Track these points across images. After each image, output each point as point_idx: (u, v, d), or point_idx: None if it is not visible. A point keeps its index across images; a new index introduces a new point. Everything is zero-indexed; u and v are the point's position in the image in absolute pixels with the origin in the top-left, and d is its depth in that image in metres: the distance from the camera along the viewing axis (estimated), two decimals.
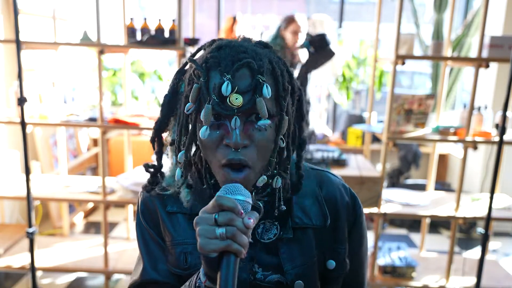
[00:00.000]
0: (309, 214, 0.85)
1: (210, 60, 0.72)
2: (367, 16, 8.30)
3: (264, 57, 0.74)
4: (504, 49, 2.31)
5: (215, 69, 0.71)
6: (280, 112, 0.75)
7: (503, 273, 2.67)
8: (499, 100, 3.54)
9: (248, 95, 0.70)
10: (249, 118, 0.72)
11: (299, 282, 0.82)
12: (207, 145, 0.74)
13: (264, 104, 0.70)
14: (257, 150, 0.73)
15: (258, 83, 0.70)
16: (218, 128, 0.73)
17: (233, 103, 0.69)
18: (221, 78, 0.70)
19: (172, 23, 2.31)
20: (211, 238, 0.65)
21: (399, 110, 2.42)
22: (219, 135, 0.72)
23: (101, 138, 2.43)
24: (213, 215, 0.66)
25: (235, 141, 0.70)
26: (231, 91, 0.69)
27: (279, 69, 0.75)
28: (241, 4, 5.19)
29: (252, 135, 0.73)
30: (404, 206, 2.57)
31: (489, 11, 2.28)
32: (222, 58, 0.71)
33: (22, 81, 2.06)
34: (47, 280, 2.79)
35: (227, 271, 0.64)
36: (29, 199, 2.19)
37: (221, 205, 0.66)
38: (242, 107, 0.70)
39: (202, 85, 0.71)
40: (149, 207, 0.87)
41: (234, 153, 0.72)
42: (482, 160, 3.69)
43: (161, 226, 0.86)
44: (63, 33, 3.28)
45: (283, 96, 0.75)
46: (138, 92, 4.23)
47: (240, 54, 0.72)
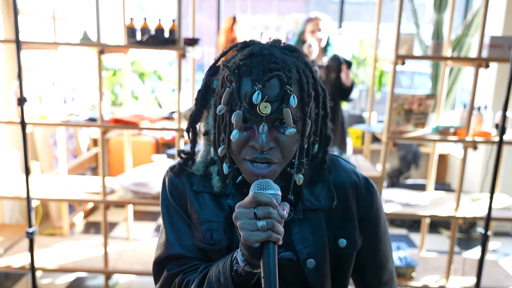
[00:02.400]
0: (318, 197, 0.92)
1: (242, 67, 0.78)
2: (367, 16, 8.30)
3: (292, 67, 0.79)
4: (504, 49, 2.31)
5: (246, 77, 0.77)
6: (303, 117, 0.81)
7: (503, 273, 2.67)
8: (499, 100, 3.54)
9: (276, 104, 0.76)
10: (275, 123, 0.79)
11: (311, 260, 0.89)
12: (234, 145, 0.81)
13: (290, 114, 0.76)
14: (281, 151, 0.80)
15: (286, 94, 0.76)
16: (246, 130, 0.80)
17: (262, 111, 0.76)
18: (252, 86, 0.76)
19: (172, 23, 2.31)
20: (253, 230, 0.72)
21: (399, 110, 2.42)
22: (245, 137, 0.80)
23: (101, 138, 2.43)
24: (251, 209, 0.73)
25: (261, 144, 0.77)
26: (261, 100, 0.75)
27: (305, 77, 0.81)
28: (241, 4, 5.19)
29: (277, 138, 0.79)
30: (404, 206, 2.57)
31: (489, 11, 2.28)
32: (254, 66, 0.77)
33: (22, 81, 2.06)
34: (47, 280, 2.79)
35: (269, 258, 0.72)
36: (29, 199, 2.19)
37: (259, 201, 0.73)
38: (269, 115, 0.76)
39: (234, 90, 0.77)
40: (177, 186, 0.93)
41: (259, 154, 0.79)
42: (482, 160, 3.69)
43: (188, 205, 0.92)
44: (63, 33, 3.28)
45: (307, 103, 0.81)
46: (138, 92, 4.23)
47: (270, 65, 0.77)
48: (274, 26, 4.22)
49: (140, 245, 2.94)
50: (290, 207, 0.89)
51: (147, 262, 2.65)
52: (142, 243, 2.99)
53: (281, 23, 4.30)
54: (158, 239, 0.96)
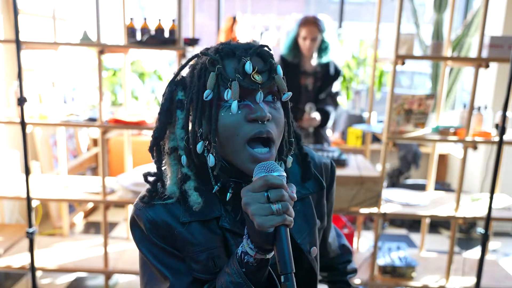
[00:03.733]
0: (304, 185, 0.93)
1: (224, 50, 0.79)
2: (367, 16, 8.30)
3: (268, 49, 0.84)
4: (504, 49, 2.31)
5: (229, 57, 0.79)
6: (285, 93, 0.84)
7: (503, 273, 2.67)
8: (499, 100, 3.54)
9: (265, 74, 0.79)
10: (266, 99, 0.80)
11: (314, 247, 0.92)
12: (229, 126, 0.78)
13: (282, 80, 0.80)
14: (276, 125, 0.80)
15: (273, 65, 0.80)
16: (239, 109, 0.78)
17: (256, 79, 0.77)
18: (239, 61, 0.78)
19: (172, 23, 2.31)
20: (267, 215, 0.69)
21: (399, 110, 2.42)
22: (241, 115, 0.78)
23: (101, 138, 2.43)
24: (263, 193, 0.70)
25: (261, 114, 0.76)
26: (253, 70, 0.77)
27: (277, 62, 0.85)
28: (241, 4, 5.19)
29: (271, 112, 0.79)
30: (404, 206, 2.57)
31: (489, 11, 2.28)
32: (235, 48, 0.80)
33: (22, 81, 2.06)
34: (47, 280, 2.79)
35: (283, 242, 0.70)
36: (29, 199, 2.19)
37: (271, 183, 0.70)
38: (263, 84, 0.78)
39: (221, 71, 0.77)
40: (156, 222, 0.83)
41: (261, 125, 0.77)
42: (482, 160, 3.69)
43: (175, 239, 0.84)
44: (63, 33, 3.28)
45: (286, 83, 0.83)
46: (138, 92, 4.23)
47: (249, 45, 0.81)
48: (274, 26, 4.22)
49: None
50: None
51: None
52: None
53: (281, 23, 4.29)
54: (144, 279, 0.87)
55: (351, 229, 2.56)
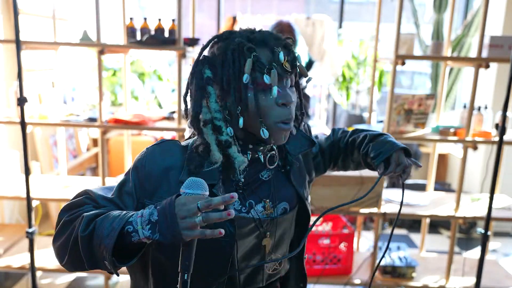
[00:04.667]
0: (296, 144, 1.08)
1: (256, 38, 0.90)
2: (367, 16, 8.30)
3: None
4: (504, 49, 2.31)
5: (260, 46, 0.90)
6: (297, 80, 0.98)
7: (503, 273, 2.67)
8: (499, 100, 3.54)
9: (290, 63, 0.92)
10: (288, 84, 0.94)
11: (309, 196, 1.12)
12: (265, 107, 0.90)
13: (303, 67, 0.94)
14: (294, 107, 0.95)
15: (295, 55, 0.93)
16: (267, 93, 0.91)
17: (287, 68, 0.90)
18: (272, 51, 0.90)
19: (172, 23, 2.31)
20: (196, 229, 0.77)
21: (399, 110, 2.42)
22: (272, 99, 0.91)
23: (101, 138, 2.43)
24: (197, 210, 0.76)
25: (289, 100, 0.91)
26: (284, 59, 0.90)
27: None
28: (241, 4, 5.19)
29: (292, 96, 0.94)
30: (404, 206, 2.57)
31: (489, 11, 2.28)
32: (265, 37, 0.91)
33: (22, 81, 2.06)
34: (47, 280, 2.79)
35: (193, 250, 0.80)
36: (29, 199, 2.19)
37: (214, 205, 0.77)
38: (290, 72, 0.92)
39: (256, 58, 0.88)
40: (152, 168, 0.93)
41: (288, 110, 0.92)
42: (482, 160, 3.69)
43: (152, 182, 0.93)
44: (63, 33, 3.27)
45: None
46: (138, 92, 4.22)
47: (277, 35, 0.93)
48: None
49: None
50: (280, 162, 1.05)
51: None
52: None
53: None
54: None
55: (351, 229, 2.56)
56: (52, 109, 2.56)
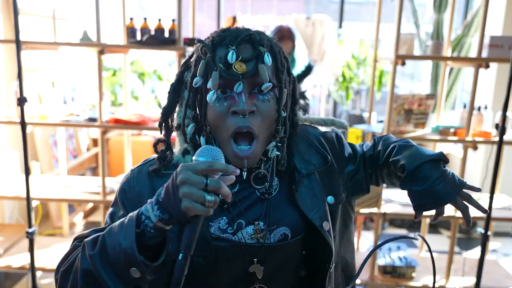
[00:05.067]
0: (309, 160, 0.93)
1: (216, 38, 0.81)
2: (367, 16, 8.29)
3: (263, 36, 0.83)
4: (504, 49, 2.31)
5: (220, 45, 0.79)
6: (279, 84, 0.83)
7: (503, 273, 2.67)
8: (499, 100, 3.53)
9: (251, 63, 0.79)
10: (253, 91, 0.80)
11: (326, 222, 0.89)
12: (215, 116, 0.80)
13: (265, 69, 0.78)
14: (261, 118, 0.80)
15: (260, 53, 0.79)
16: (225, 100, 0.80)
17: (238, 69, 0.77)
18: (227, 49, 0.78)
19: (172, 23, 2.31)
20: (197, 202, 0.67)
21: (399, 110, 2.42)
22: (226, 106, 0.79)
23: (101, 138, 2.43)
24: (203, 178, 0.67)
25: (242, 107, 0.77)
26: (236, 59, 0.78)
27: (277, 47, 0.84)
28: (241, 4, 5.19)
29: (256, 104, 0.80)
30: (404, 206, 2.57)
31: (489, 11, 2.28)
32: (227, 35, 0.80)
33: (22, 81, 2.06)
34: (47, 280, 2.79)
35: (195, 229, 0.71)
36: (29, 199, 2.19)
37: (216, 169, 0.68)
38: (246, 74, 0.78)
39: (209, 59, 0.79)
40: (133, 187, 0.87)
41: (242, 120, 0.78)
42: (482, 160, 3.69)
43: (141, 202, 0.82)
44: (63, 33, 3.27)
45: (281, 70, 0.83)
46: (138, 92, 4.23)
47: (243, 31, 0.81)
48: (274, 26, 4.22)
49: None
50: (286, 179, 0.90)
51: None
52: None
53: (281, 23, 4.29)
54: None
55: None
56: (52, 109, 2.56)
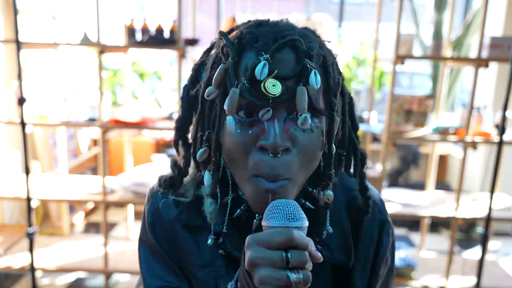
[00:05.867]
0: (329, 245, 0.69)
1: (246, 36, 0.57)
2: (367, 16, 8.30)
3: (314, 40, 0.59)
4: (504, 49, 2.31)
5: (250, 48, 0.56)
6: (329, 111, 0.60)
7: (503, 273, 2.67)
8: (499, 100, 3.54)
9: (290, 83, 0.55)
10: (291, 115, 0.57)
11: None
12: (234, 149, 0.58)
13: (305, 94, 0.54)
14: (299, 156, 0.57)
15: (305, 69, 0.55)
16: (251, 126, 0.57)
17: (269, 90, 0.54)
18: (257, 58, 0.55)
19: (172, 24, 2.31)
20: (281, 285, 0.50)
21: (399, 110, 2.42)
22: (251, 136, 0.57)
23: (101, 138, 2.43)
24: (281, 253, 0.50)
25: (273, 142, 0.54)
26: (268, 75, 0.54)
27: (331, 58, 0.60)
28: (241, 4, 5.19)
29: (294, 136, 0.57)
30: (404, 206, 2.57)
31: (489, 11, 2.28)
32: (261, 34, 0.57)
33: (22, 81, 2.06)
34: (47, 280, 2.79)
35: None
36: (29, 199, 2.19)
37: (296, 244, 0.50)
38: (279, 97, 0.54)
39: (230, 66, 0.56)
40: (161, 218, 0.70)
41: (272, 159, 0.55)
42: (482, 160, 3.69)
43: (176, 243, 0.70)
44: (63, 33, 3.27)
45: (334, 92, 0.59)
46: (138, 92, 4.23)
47: (285, 32, 0.57)
48: None
49: None
50: None
51: None
52: None
53: None
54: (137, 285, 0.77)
55: None
56: (52, 109, 2.56)
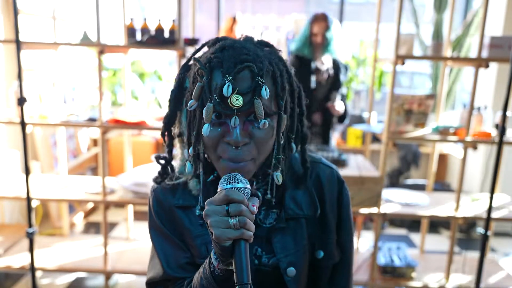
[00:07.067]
0: (300, 205, 0.90)
1: (213, 60, 0.76)
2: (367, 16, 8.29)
3: (264, 59, 0.78)
4: (504, 49, 2.31)
5: (217, 70, 0.75)
6: (278, 111, 0.80)
7: (503, 273, 2.67)
8: (499, 100, 3.54)
9: (248, 96, 0.74)
10: (249, 118, 0.77)
11: (291, 269, 0.87)
12: (208, 142, 0.78)
13: (261, 106, 0.74)
14: (256, 146, 0.78)
15: (258, 85, 0.74)
16: (220, 125, 0.77)
17: (234, 103, 0.73)
18: (223, 79, 0.74)
19: (172, 23, 2.31)
20: (224, 228, 0.69)
21: (399, 110, 2.42)
22: (220, 132, 0.77)
23: (101, 138, 2.43)
24: (223, 206, 0.69)
25: (235, 139, 0.75)
26: (232, 92, 0.73)
27: (278, 70, 0.80)
28: (241, 4, 5.20)
29: (251, 133, 0.77)
30: (404, 206, 2.57)
31: (489, 11, 2.28)
32: (225, 59, 0.75)
33: (22, 81, 2.06)
34: (47, 280, 2.79)
35: (241, 256, 0.70)
36: (29, 199, 2.19)
37: (231, 199, 0.69)
38: (242, 108, 0.74)
39: (205, 84, 0.75)
40: (162, 205, 0.90)
41: (234, 151, 0.76)
42: (482, 160, 3.69)
43: (176, 222, 0.90)
44: (63, 33, 3.27)
45: (281, 96, 0.79)
46: (138, 92, 4.23)
47: (242, 56, 0.76)
48: (274, 26, 4.22)
49: (140, 245, 2.94)
50: (273, 214, 0.89)
51: (147, 262, 2.65)
52: (142, 243, 2.99)
53: (281, 23, 4.30)
54: (150, 259, 0.94)
55: None
56: (52, 109, 2.56)
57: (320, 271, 0.93)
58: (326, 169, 0.95)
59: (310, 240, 0.91)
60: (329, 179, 0.94)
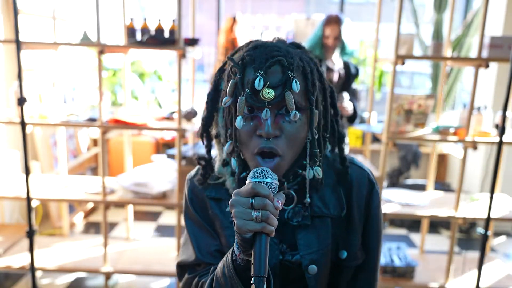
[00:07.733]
0: (327, 204, 0.91)
1: (246, 58, 0.80)
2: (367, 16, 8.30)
3: (295, 56, 0.82)
4: (504, 49, 2.31)
5: (250, 66, 0.80)
6: (310, 106, 0.83)
7: (503, 273, 2.67)
8: (499, 100, 3.54)
9: (278, 90, 0.78)
10: (280, 111, 0.80)
11: (313, 266, 0.89)
12: (242, 135, 0.82)
13: (292, 98, 0.78)
14: (287, 141, 0.81)
15: (288, 79, 0.78)
16: (252, 119, 0.81)
17: (265, 96, 0.77)
18: (255, 74, 0.78)
19: (172, 23, 2.31)
20: (247, 220, 0.71)
21: (399, 110, 2.42)
22: (252, 126, 0.81)
23: (101, 138, 2.43)
24: (248, 199, 0.72)
25: (267, 131, 0.78)
26: (263, 85, 0.77)
27: (308, 67, 0.83)
28: (241, 4, 5.20)
29: (282, 126, 0.80)
30: (404, 206, 2.57)
31: (489, 11, 2.28)
32: (257, 56, 0.80)
33: (22, 81, 2.06)
34: (47, 280, 2.79)
35: (260, 249, 0.71)
36: (29, 199, 2.19)
37: (257, 192, 0.71)
38: (273, 100, 0.78)
39: (238, 80, 0.80)
40: (197, 194, 0.95)
41: (266, 142, 0.79)
42: (482, 160, 3.69)
43: (209, 211, 0.94)
44: (63, 33, 3.27)
45: (311, 91, 0.83)
46: (138, 92, 4.23)
47: (273, 52, 0.80)
48: (274, 26, 4.23)
49: (140, 245, 2.94)
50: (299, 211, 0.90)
51: (147, 262, 2.65)
52: (142, 243, 2.99)
53: (281, 23, 4.30)
54: (183, 241, 0.98)
55: None
56: (52, 109, 2.56)
57: (342, 271, 0.94)
58: (357, 169, 0.96)
59: (334, 240, 0.91)
60: (359, 180, 0.94)
